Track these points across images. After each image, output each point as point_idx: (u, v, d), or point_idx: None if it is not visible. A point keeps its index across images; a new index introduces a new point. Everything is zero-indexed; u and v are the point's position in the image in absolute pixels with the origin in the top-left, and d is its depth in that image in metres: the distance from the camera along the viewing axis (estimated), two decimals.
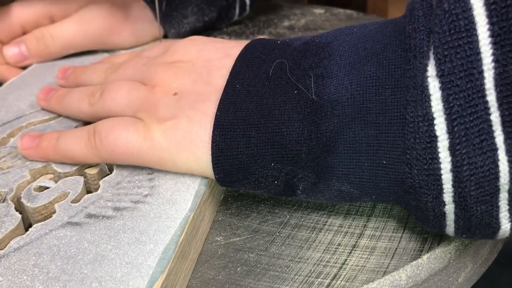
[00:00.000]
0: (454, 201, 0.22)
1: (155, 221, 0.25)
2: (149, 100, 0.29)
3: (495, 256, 0.29)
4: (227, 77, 0.28)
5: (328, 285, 0.24)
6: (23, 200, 0.27)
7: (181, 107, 0.28)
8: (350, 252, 0.26)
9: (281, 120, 0.25)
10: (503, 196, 0.22)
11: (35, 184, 0.28)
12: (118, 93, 0.30)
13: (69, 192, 0.28)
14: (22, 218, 0.26)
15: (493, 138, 0.21)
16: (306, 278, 0.24)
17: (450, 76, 0.21)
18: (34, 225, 0.25)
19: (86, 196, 0.27)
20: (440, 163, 0.22)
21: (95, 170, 0.29)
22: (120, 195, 0.27)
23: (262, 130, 0.25)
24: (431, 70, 0.21)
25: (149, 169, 0.29)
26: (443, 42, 0.21)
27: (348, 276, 0.24)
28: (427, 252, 0.25)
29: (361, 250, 0.26)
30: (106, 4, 0.43)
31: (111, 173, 0.29)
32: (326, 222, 0.28)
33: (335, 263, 0.25)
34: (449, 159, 0.21)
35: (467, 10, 0.21)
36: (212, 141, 0.26)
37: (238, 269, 0.25)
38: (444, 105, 0.21)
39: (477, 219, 0.22)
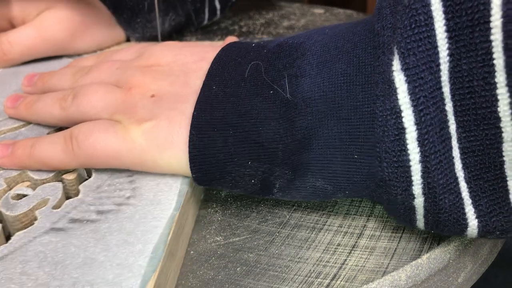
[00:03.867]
0: (424, 194, 0.23)
1: (141, 222, 0.25)
2: (126, 102, 0.29)
3: (495, 256, 0.29)
4: (203, 78, 0.28)
5: (328, 285, 0.24)
6: (2, 209, 0.27)
7: (160, 108, 0.28)
8: (350, 252, 0.26)
9: (258, 119, 0.25)
10: (463, 187, 0.23)
11: (12, 192, 0.28)
12: (94, 96, 0.30)
13: (49, 199, 0.27)
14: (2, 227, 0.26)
15: (448, 127, 0.22)
16: (306, 278, 0.24)
17: (414, 69, 0.22)
18: (16, 234, 0.25)
19: (67, 201, 0.27)
20: (408, 154, 0.22)
21: (73, 176, 0.29)
22: (102, 199, 0.27)
23: (239, 129, 0.26)
24: (396, 64, 0.22)
25: (129, 172, 0.29)
26: (405, 36, 0.22)
27: (348, 276, 0.24)
28: (427, 252, 0.25)
29: (360, 250, 0.26)
30: (67, 9, 0.43)
31: (89, 178, 0.29)
32: (326, 222, 0.28)
33: (335, 263, 0.25)
34: (417, 150, 0.22)
35: (426, 5, 0.21)
36: (189, 141, 0.26)
37: (238, 269, 0.25)
38: (411, 98, 0.22)
39: (446, 213, 0.23)
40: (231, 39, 0.39)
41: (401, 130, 0.22)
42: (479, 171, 0.22)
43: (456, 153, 0.22)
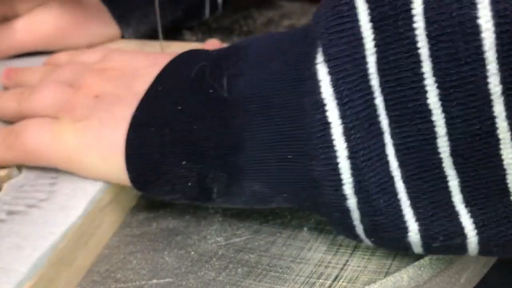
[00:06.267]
0: (355, 193, 0.22)
1: (41, 227, 0.25)
2: (69, 101, 0.30)
3: (497, 258, 0.29)
4: (150, 83, 0.28)
5: (330, 286, 0.24)
6: None
7: (97, 109, 0.28)
8: (352, 253, 0.26)
9: (194, 118, 0.25)
10: (400, 187, 0.21)
11: None
12: (44, 93, 0.31)
13: None
14: None
15: (378, 122, 0.21)
16: (307, 279, 0.24)
17: (336, 60, 0.21)
18: None
19: None
20: (336, 150, 0.21)
21: (4, 172, 0.29)
22: (19, 199, 0.27)
23: (175, 128, 0.25)
24: (319, 57, 0.22)
25: (54, 173, 0.28)
26: (327, 27, 0.21)
27: (350, 277, 0.24)
28: None
29: (362, 251, 0.26)
30: (58, 5, 0.43)
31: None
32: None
33: (337, 264, 0.25)
34: (344, 145, 0.21)
35: None
36: (126, 140, 0.26)
37: (239, 270, 0.25)
38: (334, 90, 0.21)
39: (382, 215, 0.22)
40: (212, 42, 0.39)
41: (326, 124, 0.21)
42: (417, 170, 0.21)
43: (390, 150, 0.21)
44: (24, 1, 0.43)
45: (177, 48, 0.43)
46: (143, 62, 0.31)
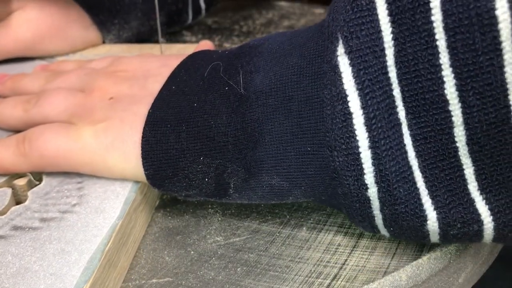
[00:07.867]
0: (376, 183, 0.22)
1: (82, 231, 0.25)
2: (84, 104, 0.29)
3: (495, 257, 0.29)
4: (162, 82, 0.29)
5: (328, 285, 0.24)
6: None
7: (114, 110, 0.28)
8: (350, 252, 0.26)
9: (211, 114, 0.26)
10: (418, 176, 0.22)
11: None
12: (55, 99, 0.31)
13: None
14: None
15: (396, 113, 0.22)
16: (306, 278, 0.24)
17: (358, 52, 0.22)
18: None
19: (13, 208, 0.27)
20: (357, 140, 0.22)
21: (24, 181, 0.29)
22: (48, 206, 0.27)
23: (192, 125, 0.26)
24: (340, 49, 0.22)
25: (79, 178, 0.29)
26: (347, 20, 0.22)
27: (348, 277, 0.24)
28: (427, 252, 0.25)
29: (361, 250, 0.26)
30: (38, 9, 0.42)
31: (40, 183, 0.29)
32: (326, 222, 0.28)
33: (335, 263, 0.25)
34: (365, 135, 0.22)
35: None
36: (142, 137, 0.26)
37: (238, 269, 0.25)
38: (355, 81, 0.22)
39: (402, 204, 0.22)
40: (204, 43, 0.39)
41: (348, 115, 0.22)
42: (434, 159, 0.21)
43: (408, 140, 0.22)
44: (4, 5, 0.42)
45: (177, 50, 0.43)
46: (153, 63, 0.32)
